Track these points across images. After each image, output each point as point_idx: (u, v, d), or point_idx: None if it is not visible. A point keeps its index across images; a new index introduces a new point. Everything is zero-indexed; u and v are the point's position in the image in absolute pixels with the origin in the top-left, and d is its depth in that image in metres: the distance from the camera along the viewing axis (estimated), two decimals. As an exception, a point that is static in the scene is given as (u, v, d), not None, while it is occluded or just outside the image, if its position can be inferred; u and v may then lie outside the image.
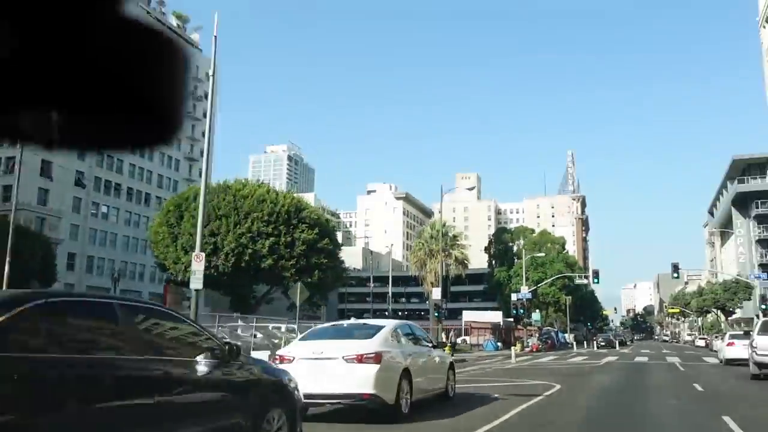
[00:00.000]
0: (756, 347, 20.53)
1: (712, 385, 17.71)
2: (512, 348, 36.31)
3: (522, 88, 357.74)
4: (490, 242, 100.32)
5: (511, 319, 58.40)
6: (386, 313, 60.30)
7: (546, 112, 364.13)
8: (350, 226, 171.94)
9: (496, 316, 61.11)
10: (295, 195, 44.05)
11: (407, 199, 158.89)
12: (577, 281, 57.92)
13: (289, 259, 41.05)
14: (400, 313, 65.14)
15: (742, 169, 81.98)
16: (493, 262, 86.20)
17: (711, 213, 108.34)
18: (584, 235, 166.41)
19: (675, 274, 50.67)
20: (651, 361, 31.46)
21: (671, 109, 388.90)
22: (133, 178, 73.35)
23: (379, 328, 9.72)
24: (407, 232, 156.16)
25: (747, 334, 26.69)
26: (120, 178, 71.40)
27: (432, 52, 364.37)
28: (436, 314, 35.25)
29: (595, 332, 71.01)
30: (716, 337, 57.23)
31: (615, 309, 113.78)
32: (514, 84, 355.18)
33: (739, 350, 25.67)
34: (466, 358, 35.11)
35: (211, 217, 37.12)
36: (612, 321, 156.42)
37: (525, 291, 57.14)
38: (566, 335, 77.89)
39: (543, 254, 65.51)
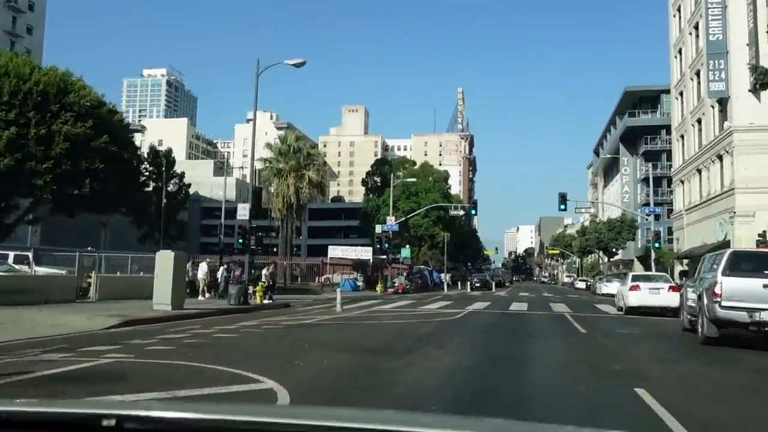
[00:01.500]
0: (719, 294, 11.37)
1: (659, 373, 7.75)
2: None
3: (414, 22, 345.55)
4: (368, 174, 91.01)
5: (385, 257, 49.52)
6: (216, 248, 48.77)
7: (437, 48, 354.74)
8: (229, 156, 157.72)
9: (364, 253, 51.43)
10: (61, 71, 30.23)
11: (290, 129, 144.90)
12: (453, 213, 48.67)
13: (42, 160, 27.87)
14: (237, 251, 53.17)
15: (634, 102, 75.49)
16: (370, 195, 76.04)
17: (596, 153, 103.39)
18: (471, 175, 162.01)
19: (562, 206, 41.95)
20: (532, 312, 21.97)
21: (564, 46, 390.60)
22: None
23: None
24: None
25: (647, 279, 23.48)
26: None
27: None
28: (248, 245, 23.54)
29: (475, 272, 63.20)
30: (599, 278, 50.38)
31: (496, 249, 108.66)
32: (406, 18, 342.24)
33: (645, 296, 21.67)
34: (294, 302, 25.34)
35: None
36: (494, 262, 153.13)
37: (391, 222, 47.14)
38: (442, 275, 70.82)
39: (414, 179, 55.64)
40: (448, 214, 53.20)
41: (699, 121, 42.40)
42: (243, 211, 24.48)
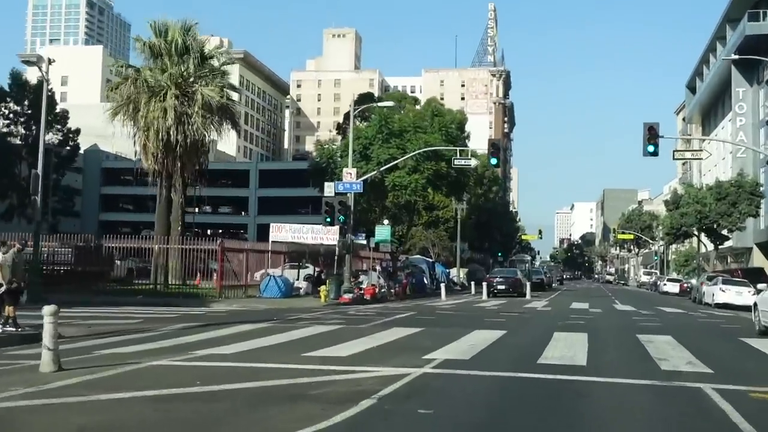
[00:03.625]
0: None
1: None
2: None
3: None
4: (345, 116, 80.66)
5: (364, 241, 43.42)
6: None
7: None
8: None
9: (328, 235, 40.62)
10: None
11: (247, 62, 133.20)
12: (458, 164, 37.71)
13: None
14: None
15: (755, 1, 63.00)
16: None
17: (691, 89, 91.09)
18: (506, 128, 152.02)
19: (650, 147, 30.34)
20: (601, 379, 10.43)
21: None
22: None
23: None
24: (248, 115, 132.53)
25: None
26: None
27: None
28: None
29: (497, 269, 53.23)
30: (709, 280, 39.11)
31: (540, 233, 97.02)
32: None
33: None
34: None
35: None
36: (538, 254, 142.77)
37: (350, 178, 36.48)
38: (453, 271, 62.08)
39: (392, 102, 44.32)
40: (451, 168, 41.59)
41: None
42: None
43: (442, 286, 39.68)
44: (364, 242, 43.86)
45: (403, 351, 12.84)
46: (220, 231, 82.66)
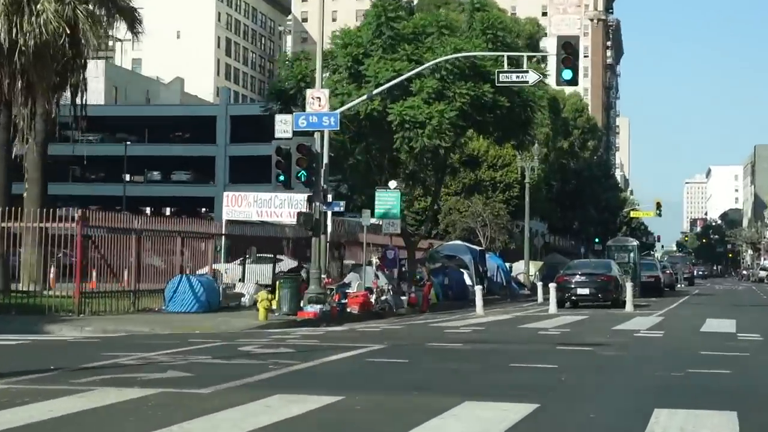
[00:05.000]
0: None
1: None
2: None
3: None
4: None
5: (374, 220, 39.47)
6: None
7: None
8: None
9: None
10: None
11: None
12: (501, 79, 32.61)
13: None
14: None
15: None
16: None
17: None
18: (608, 57, 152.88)
19: None
20: None
21: None
22: None
23: None
24: (231, 42, 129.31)
25: None
26: None
27: None
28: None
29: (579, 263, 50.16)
30: None
31: (658, 208, 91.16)
32: None
33: None
34: None
35: None
36: (658, 241, 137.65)
37: (319, 107, 32.65)
38: (516, 268, 59.35)
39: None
40: (501, 96, 37.36)
41: None
42: None
43: (477, 290, 35.45)
44: (361, 219, 39.14)
45: None
46: (170, 208, 77.44)
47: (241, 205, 41.41)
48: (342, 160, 40.72)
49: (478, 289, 35.53)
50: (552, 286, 36.26)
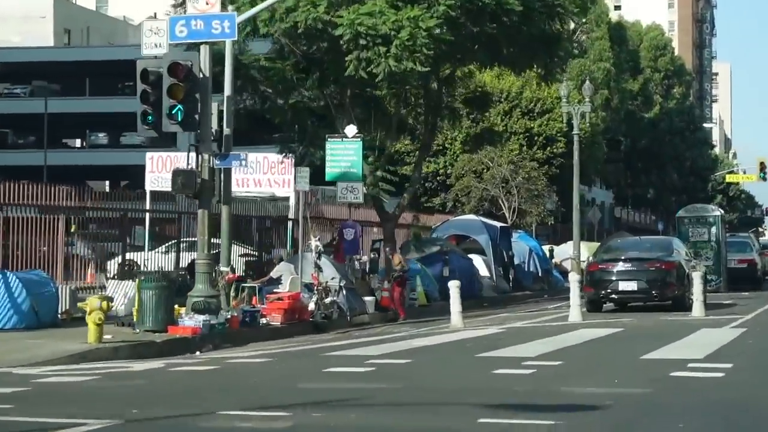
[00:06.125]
0: None
1: None
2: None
3: None
4: None
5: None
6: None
7: None
8: None
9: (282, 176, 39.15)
10: None
11: None
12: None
13: None
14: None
15: None
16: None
17: None
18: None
19: None
20: None
21: None
22: None
23: None
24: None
25: None
26: None
27: None
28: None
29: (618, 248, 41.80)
30: None
31: (762, 169, 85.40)
32: None
33: None
34: None
35: None
36: (767, 214, 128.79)
37: (209, 6, 26.00)
38: (558, 252, 54.21)
39: None
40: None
41: None
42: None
43: (452, 287, 27.67)
44: (296, 183, 29.74)
45: None
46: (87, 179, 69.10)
47: (170, 169, 32.57)
48: (285, 98, 32.21)
49: (453, 284, 26.66)
50: (573, 279, 26.99)
